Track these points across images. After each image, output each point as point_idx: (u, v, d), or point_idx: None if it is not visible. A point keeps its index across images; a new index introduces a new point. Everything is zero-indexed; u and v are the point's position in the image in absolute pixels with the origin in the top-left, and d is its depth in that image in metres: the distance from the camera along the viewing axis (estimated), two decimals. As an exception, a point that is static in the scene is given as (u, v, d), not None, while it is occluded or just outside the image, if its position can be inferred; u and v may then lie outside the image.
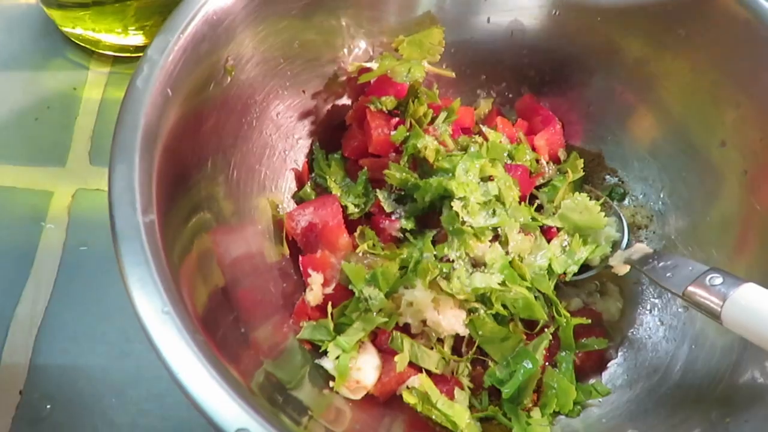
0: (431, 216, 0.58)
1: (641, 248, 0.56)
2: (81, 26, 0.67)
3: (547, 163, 0.63)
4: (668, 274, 0.50)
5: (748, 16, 0.55)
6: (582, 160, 0.64)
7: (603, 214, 0.59)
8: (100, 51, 0.70)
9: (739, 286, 0.45)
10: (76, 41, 0.70)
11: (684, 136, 0.61)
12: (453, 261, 0.54)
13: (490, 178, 0.57)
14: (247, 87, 0.55)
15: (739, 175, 0.57)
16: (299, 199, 0.61)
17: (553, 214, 0.60)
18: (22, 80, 0.68)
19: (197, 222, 0.49)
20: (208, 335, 0.41)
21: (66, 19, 0.67)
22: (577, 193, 0.60)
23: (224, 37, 0.51)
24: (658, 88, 0.62)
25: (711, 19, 0.57)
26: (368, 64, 0.61)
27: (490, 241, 0.56)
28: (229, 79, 0.53)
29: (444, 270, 0.54)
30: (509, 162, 0.60)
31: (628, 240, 0.61)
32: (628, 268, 0.56)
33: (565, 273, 0.57)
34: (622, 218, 0.62)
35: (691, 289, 0.47)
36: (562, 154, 0.64)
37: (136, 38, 0.68)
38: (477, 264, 0.55)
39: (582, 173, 0.63)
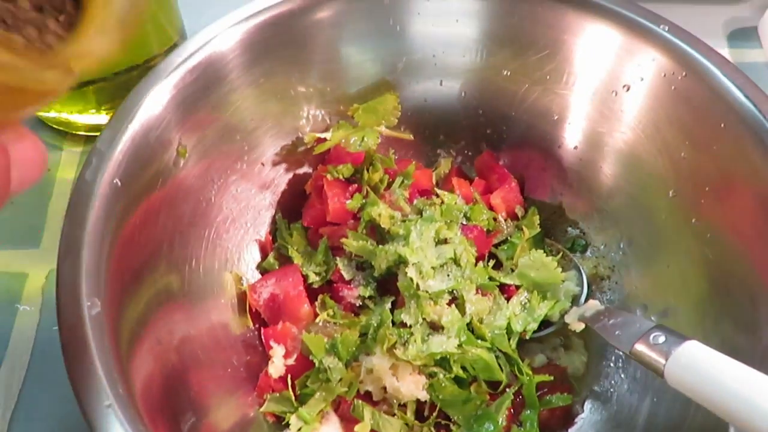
0: (391, 281, 0.59)
1: (593, 305, 0.57)
2: (53, 110, 0.70)
3: (505, 220, 0.64)
4: (617, 332, 0.51)
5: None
6: (538, 216, 0.65)
7: (560, 269, 0.60)
8: (73, 132, 0.73)
9: (680, 345, 0.45)
10: (50, 123, 0.73)
11: (637, 186, 0.62)
12: (410, 326, 0.55)
13: (445, 241, 0.59)
14: (202, 166, 0.57)
15: (691, 226, 0.57)
16: (263, 270, 0.62)
17: (512, 271, 0.61)
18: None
19: (153, 307, 0.50)
20: (159, 424, 0.42)
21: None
22: (533, 249, 0.61)
23: (174, 120, 0.53)
24: (609, 141, 0.63)
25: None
26: (324, 135, 0.63)
27: (448, 303, 0.57)
28: (182, 161, 0.55)
29: (402, 336, 0.54)
30: (466, 222, 0.61)
31: (588, 293, 0.62)
32: (583, 325, 0.57)
33: (525, 331, 0.58)
34: (582, 271, 0.62)
35: (636, 347, 0.48)
36: (519, 210, 0.65)
37: (103, 117, 0.71)
38: (435, 328, 0.56)
39: (539, 229, 0.63)
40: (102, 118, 0.71)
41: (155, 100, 0.51)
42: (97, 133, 0.60)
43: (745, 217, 0.54)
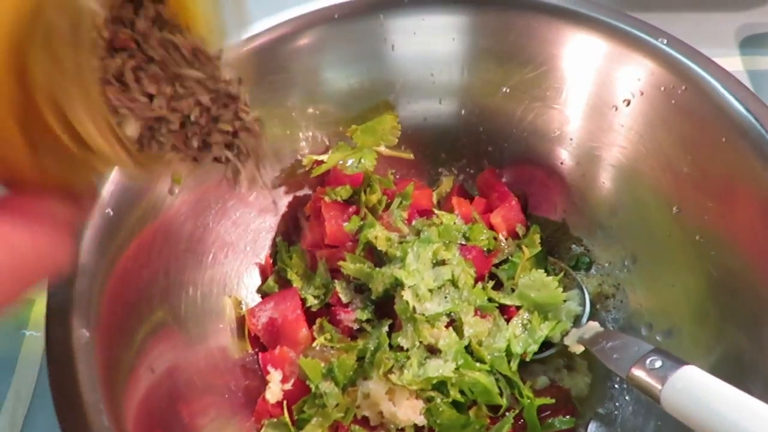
0: (389, 304, 0.59)
1: (593, 327, 0.56)
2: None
3: (506, 239, 0.63)
4: (615, 355, 0.50)
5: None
6: (541, 234, 0.64)
7: (561, 289, 0.59)
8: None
9: (677, 370, 0.44)
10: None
11: (640, 202, 0.61)
12: (407, 350, 0.55)
13: (443, 263, 0.58)
14: (199, 192, 0.57)
15: (695, 243, 0.56)
16: (263, 293, 0.62)
17: (512, 291, 0.60)
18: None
19: (148, 335, 0.50)
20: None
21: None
22: (534, 269, 0.60)
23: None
24: (611, 156, 0.62)
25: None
26: (322, 157, 0.63)
27: (446, 326, 0.56)
28: (177, 188, 0.55)
29: (398, 360, 0.54)
30: (465, 243, 0.61)
31: (591, 312, 0.60)
32: (582, 347, 0.55)
33: (525, 352, 0.57)
34: (585, 291, 0.61)
35: (633, 371, 0.47)
36: (520, 229, 0.64)
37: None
38: (433, 351, 0.55)
39: (539, 248, 0.62)
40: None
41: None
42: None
43: (750, 233, 0.52)
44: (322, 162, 0.62)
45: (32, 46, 0.25)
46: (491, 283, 0.61)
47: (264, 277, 0.63)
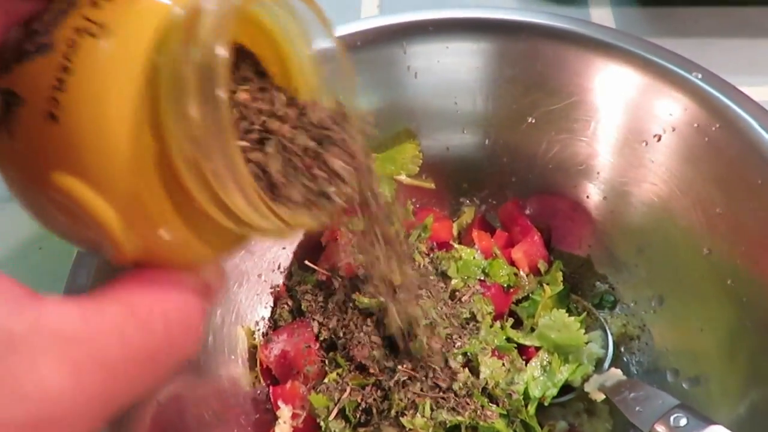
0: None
1: (615, 375, 0.54)
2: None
3: (527, 275, 0.61)
4: (638, 408, 0.48)
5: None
6: (564, 269, 0.62)
7: (583, 330, 0.57)
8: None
9: (703, 429, 0.42)
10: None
11: (669, 241, 0.58)
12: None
13: (461, 300, 0.56)
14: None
15: (726, 287, 0.53)
16: (276, 324, 0.61)
17: (532, 331, 0.58)
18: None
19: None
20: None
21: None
22: (555, 309, 0.58)
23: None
24: (639, 192, 0.60)
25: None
26: (340, 186, 0.62)
27: (462, 366, 0.54)
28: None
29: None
30: (483, 278, 0.59)
31: (614, 355, 0.58)
32: (603, 395, 0.53)
33: (544, 396, 0.55)
34: (608, 333, 0.59)
35: (656, 428, 0.45)
36: (542, 265, 0.62)
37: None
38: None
39: (562, 286, 0.60)
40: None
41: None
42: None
43: (785, 281, 0.50)
44: (340, 191, 0.61)
45: (165, 100, 0.24)
46: (510, 322, 0.59)
47: (278, 307, 0.62)
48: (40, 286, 0.66)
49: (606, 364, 0.57)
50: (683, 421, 0.43)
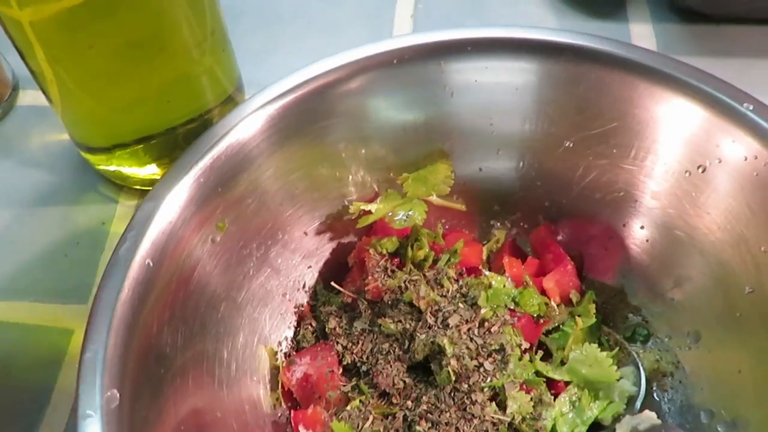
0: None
1: (649, 418, 0.52)
2: (113, 163, 0.71)
3: (558, 305, 0.60)
4: (672, 458, 0.46)
5: None
6: (597, 300, 0.60)
7: (615, 367, 0.55)
8: (129, 185, 0.73)
9: None
10: (109, 177, 0.74)
11: (709, 277, 0.56)
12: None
13: (489, 330, 0.55)
14: (241, 239, 0.56)
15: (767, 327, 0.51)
16: (299, 345, 0.60)
17: (562, 364, 0.56)
18: (57, 216, 0.72)
19: (179, 391, 0.49)
20: None
21: (97, 160, 0.71)
22: (587, 343, 0.56)
23: (213, 195, 0.52)
24: (680, 224, 0.58)
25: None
26: (369, 206, 0.60)
27: (489, 399, 0.53)
28: (219, 237, 0.53)
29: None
30: (513, 308, 0.57)
31: (647, 393, 0.56)
32: (635, 439, 0.51)
33: (572, 434, 0.53)
34: (640, 368, 0.57)
35: None
36: (574, 295, 0.60)
37: (159, 171, 0.71)
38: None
39: (594, 319, 0.58)
40: (158, 171, 0.71)
41: (188, 183, 0.50)
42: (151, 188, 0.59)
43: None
44: (369, 212, 0.60)
45: None
46: (540, 354, 0.57)
47: (301, 327, 0.61)
48: (65, 293, 0.66)
49: (638, 403, 0.55)
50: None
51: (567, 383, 0.56)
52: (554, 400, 0.55)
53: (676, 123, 0.55)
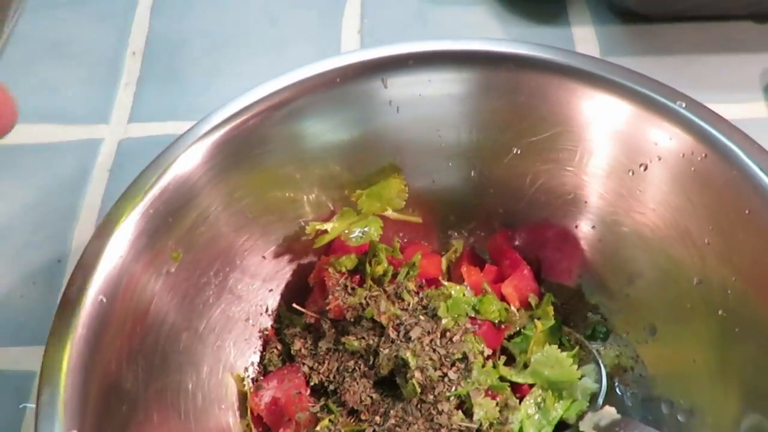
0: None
1: (610, 413, 0.53)
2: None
3: (518, 310, 0.61)
4: (633, 448, 0.47)
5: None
6: (555, 302, 0.61)
7: (576, 366, 0.56)
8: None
9: None
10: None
11: (659, 270, 0.58)
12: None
13: (451, 340, 0.56)
14: (197, 268, 0.56)
15: (717, 317, 0.53)
16: (265, 369, 0.60)
17: (525, 367, 0.57)
18: (11, 256, 0.71)
19: (144, 425, 0.49)
20: None
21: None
22: (547, 344, 0.57)
23: (164, 227, 0.52)
24: (628, 222, 0.59)
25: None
26: (325, 225, 0.61)
27: (456, 408, 0.54)
28: (174, 267, 0.53)
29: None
30: (474, 316, 0.58)
31: (608, 387, 0.58)
32: (598, 433, 0.53)
33: (539, 435, 0.54)
34: (601, 366, 0.58)
35: None
36: (533, 299, 0.62)
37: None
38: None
39: (553, 321, 0.60)
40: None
41: (137, 215, 0.50)
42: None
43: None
44: (325, 231, 0.60)
45: None
46: (503, 359, 0.58)
47: (267, 351, 0.61)
48: (23, 336, 0.64)
49: (600, 399, 0.57)
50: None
51: (531, 386, 0.57)
52: (520, 403, 0.56)
53: (615, 124, 0.57)
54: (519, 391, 0.57)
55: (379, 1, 0.92)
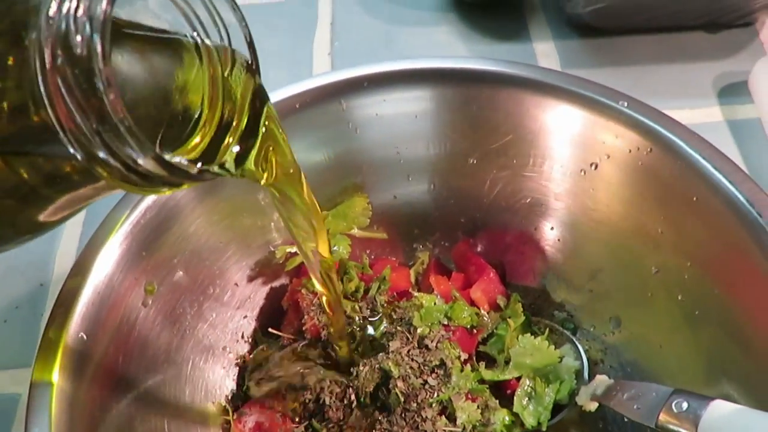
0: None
1: (602, 380, 0.55)
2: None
3: (488, 313, 0.63)
4: (636, 406, 0.48)
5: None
6: (522, 302, 0.63)
7: (553, 347, 0.58)
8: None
9: (706, 407, 0.43)
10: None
11: (619, 264, 0.61)
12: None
13: (428, 348, 0.57)
14: (173, 299, 0.56)
15: (677, 303, 0.56)
16: (245, 396, 0.60)
17: (507, 364, 0.59)
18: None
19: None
20: None
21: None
22: (520, 336, 0.59)
23: (136, 263, 0.52)
24: (584, 220, 0.62)
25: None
26: (294, 248, 0.62)
27: (439, 414, 0.55)
28: (151, 299, 0.53)
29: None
30: (447, 323, 0.60)
31: (589, 367, 0.60)
32: (596, 404, 0.54)
33: (540, 423, 0.56)
34: (577, 343, 0.61)
35: (661, 418, 0.45)
36: (501, 300, 0.64)
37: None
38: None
39: (523, 317, 0.62)
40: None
41: (112, 250, 0.50)
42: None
43: (732, 290, 0.52)
44: (295, 254, 0.61)
45: None
46: (482, 364, 0.59)
47: (247, 377, 0.61)
48: (7, 360, 0.63)
49: (585, 373, 0.59)
50: (685, 405, 0.44)
51: (518, 379, 0.58)
52: (512, 398, 0.57)
53: (564, 128, 0.60)
54: (508, 387, 0.58)
55: (348, 24, 0.94)
